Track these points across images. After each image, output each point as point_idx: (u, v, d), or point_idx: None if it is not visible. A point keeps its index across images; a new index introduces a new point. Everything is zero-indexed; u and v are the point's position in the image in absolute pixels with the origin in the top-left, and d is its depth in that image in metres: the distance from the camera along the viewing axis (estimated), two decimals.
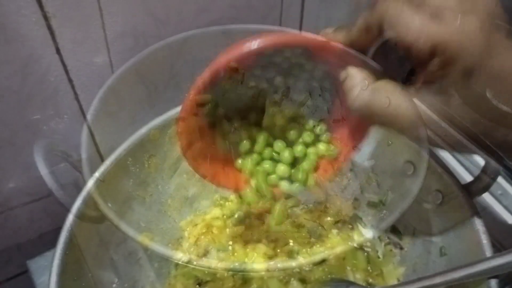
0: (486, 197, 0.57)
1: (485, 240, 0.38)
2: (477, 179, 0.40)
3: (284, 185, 0.39)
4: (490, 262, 0.35)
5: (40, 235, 0.60)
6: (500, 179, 0.57)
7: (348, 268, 0.46)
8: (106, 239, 0.44)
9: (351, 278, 0.46)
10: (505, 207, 0.57)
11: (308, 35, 0.35)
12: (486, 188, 0.40)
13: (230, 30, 0.53)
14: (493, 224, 0.54)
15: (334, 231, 0.49)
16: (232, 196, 0.51)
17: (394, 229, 0.47)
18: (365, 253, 0.47)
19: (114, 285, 0.43)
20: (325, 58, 0.36)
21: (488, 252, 0.37)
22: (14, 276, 0.62)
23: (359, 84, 0.33)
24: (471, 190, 0.40)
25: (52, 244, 0.51)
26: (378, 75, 0.33)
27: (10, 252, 0.60)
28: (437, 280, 0.37)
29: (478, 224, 0.39)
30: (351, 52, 0.34)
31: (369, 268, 0.46)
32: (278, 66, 0.38)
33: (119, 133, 0.47)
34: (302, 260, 0.47)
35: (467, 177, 0.56)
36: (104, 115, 0.53)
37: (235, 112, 0.40)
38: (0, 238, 0.58)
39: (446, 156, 0.43)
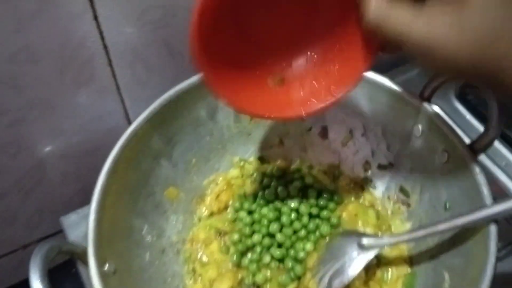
0: (492, 167, 0.60)
1: (485, 191, 0.41)
2: (480, 138, 0.43)
3: None
4: (490, 209, 0.39)
5: (71, 196, 0.63)
6: (504, 151, 0.60)
7: (360, 223, 0.49)
8: (137, 192, 0.47)
9: (361, 231, 0.49)
10: (510, 178, 0.59)
11: None
12: (488, 146, 0.43)
13: None
14: (499, 194, 0.56)
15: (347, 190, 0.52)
16: (252, 159, 0.55)
17: (402, 188, 0.51)
18: (375, 211, 0.51)
19: (143, 231, 0.47)
20: None
21: (489, 202, 0.40)
22: (46, 237, 0.66)
23: None
24: (475, 148, 0.43)
25: (83, 204, 0.54)
26: None
27: (42, 213, 0.63)
28: (442, 226, 0.41)
29: (480, 177, 0.41)
30: None
31: (378, 223, 0.50)
32: None
33: (147, 100, 0.50)
34: None
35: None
36: (133, 83, 0.57)
37: None
38: (33, 200, 0.61)
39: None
